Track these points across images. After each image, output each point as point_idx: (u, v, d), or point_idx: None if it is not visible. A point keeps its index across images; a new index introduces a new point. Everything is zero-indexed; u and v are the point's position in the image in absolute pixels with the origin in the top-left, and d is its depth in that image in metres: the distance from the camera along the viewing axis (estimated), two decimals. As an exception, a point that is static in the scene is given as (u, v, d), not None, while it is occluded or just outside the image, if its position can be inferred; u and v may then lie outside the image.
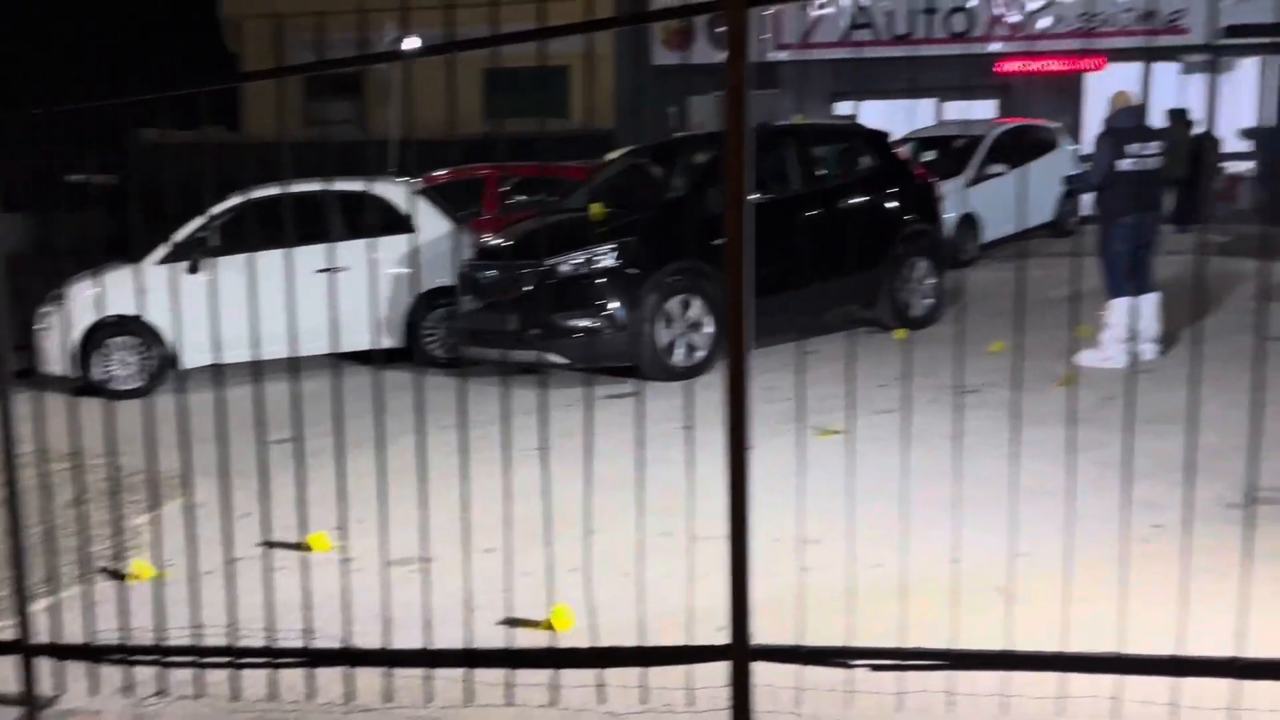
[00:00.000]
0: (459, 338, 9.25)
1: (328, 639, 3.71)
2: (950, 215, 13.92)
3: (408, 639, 3.60)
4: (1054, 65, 18.30)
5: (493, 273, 8.88)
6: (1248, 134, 18.87)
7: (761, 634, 3.43)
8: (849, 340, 9.70)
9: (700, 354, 8.60)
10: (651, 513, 4.93)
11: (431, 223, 9.82)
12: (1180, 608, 2.94)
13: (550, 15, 2.78)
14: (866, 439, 5.68)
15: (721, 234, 2.64)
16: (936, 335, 9.55)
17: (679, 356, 8.57)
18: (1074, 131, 17.85)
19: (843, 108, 20.15)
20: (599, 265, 8.43)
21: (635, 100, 20.65)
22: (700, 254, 8.30)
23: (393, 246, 9.57)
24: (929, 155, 15.55)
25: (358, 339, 8.67)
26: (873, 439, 5.99)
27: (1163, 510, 4.85)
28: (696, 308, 8.63)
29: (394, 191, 9.88)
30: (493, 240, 9.60)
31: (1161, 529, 4.73)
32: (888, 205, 10.20)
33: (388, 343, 9.38)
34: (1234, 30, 17.02)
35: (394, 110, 15.44)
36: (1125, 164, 8.14)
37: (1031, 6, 18.34)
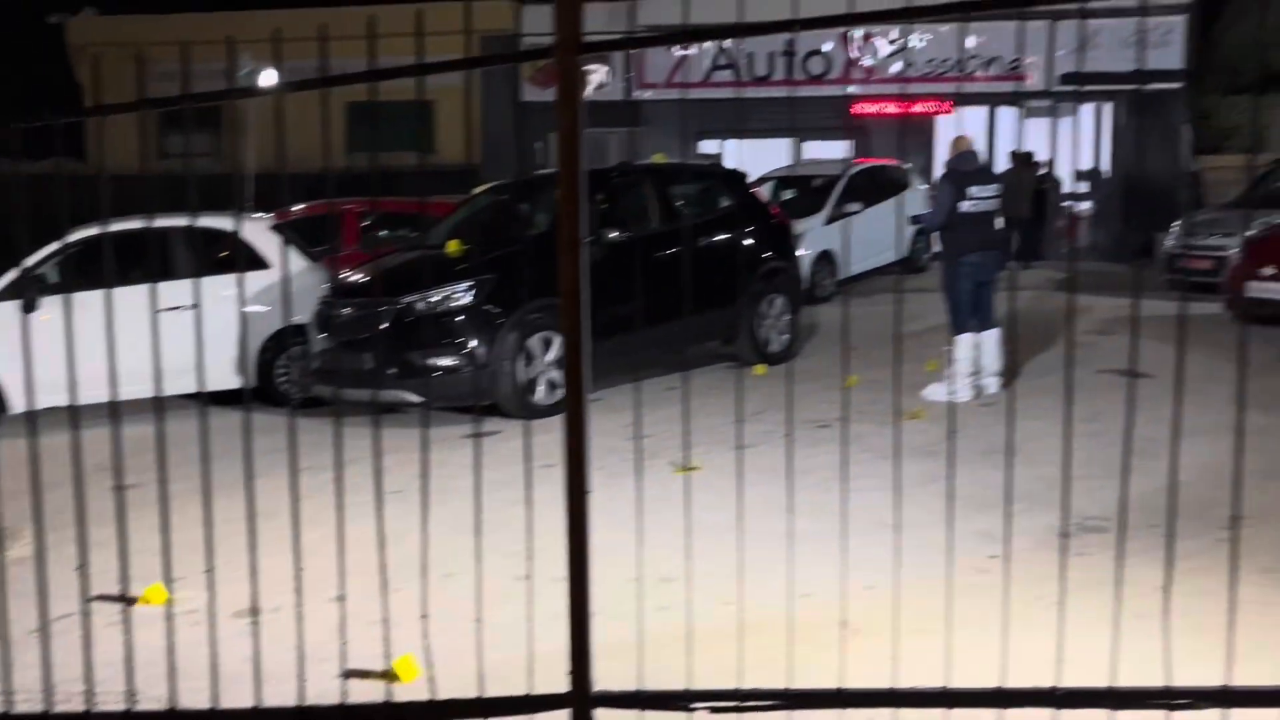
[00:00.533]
0: (314, 377, 9.05)
1: (152, 700, 3.54)
2: (808, 252, 14.28)
3: (241, 696, 3.46)
4: (906, 108, 18.97)
5: (349, 310, 8.71)
6: (1085, 175, 19.90)
7: (613, 677, 3.41)
8: (709, 376, 9.82)
9: (562, 392, 8.57)
10: (509, 555, 4.88)
11: (287, 259, 9.59)
12: (1006, 639, 3.03)
13: (412, 50, 2.76)
14: (725, 474, 5.74)
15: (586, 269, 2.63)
16: (794, 371, 9.73)
17: (541, 394, 8.54)
18: (925, 172, 18.53)
19: (707, 147, 20.52)
20: (457, 303, 8.35)
21: (502, 136, 20.63)
22: (562, 291, 8.29)
23: (246, 283, 9.31)
24: (788, 194, 15.93)
25: (207, 379, 8.38)
26: (732, 474, 6.05)
27: (1000, 541, 5.02)
28: (558, 345, 8.62)
29: (248, 226, 9.63)
30: (350, 277, 9.43)
31: (999, 559, 4.88)
32: (746, 243, 10.39)
33: (239, 383, 9.10)
34: (1069, 78, 17.94)
35: (252, 143, 15.09)
36: (966, 205, 8.47)
37: (884, 52, 19.01)
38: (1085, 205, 19.86)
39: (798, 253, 13.24)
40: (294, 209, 12.23)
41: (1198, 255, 13.57)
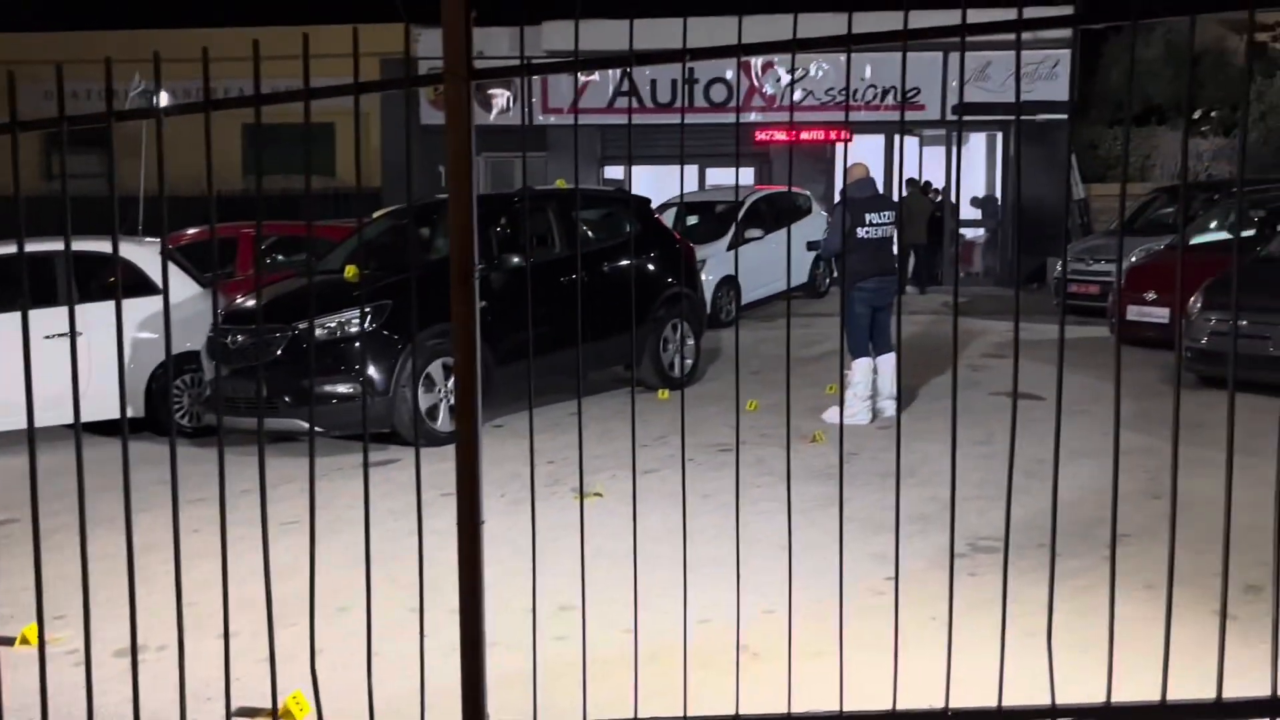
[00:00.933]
0: (206, 406, 8.81)
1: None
2: (711, 278, 14.41)
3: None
4: (805, 136, 19.31)
5: (243, 336, 8.51)
6: (977, 203, 20.47)
7: (509, 708, 3.36)
8: (614, 401, 9.82)
9: (464, 418, 8.48)
10: (406, 586, 4.79)
11: (178, 284, 9.35)
12: (898, 661, 3.07)
13: (314, 71, 2.70)
14: (629, 500, 5.73)
15: (486, 295, 2.60)
16: (697, 394, 9.79)
17: (442, 421, 8.44)
18: (825, 199, 18.86)
19: (611, 173, 20.60)
20: (354, 329, 8.22)
21: (403, 159, 20.42)
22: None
23: (135, 309, 9.04)
24: (692, 220, 16.07)
25: (94, 409, 8.16)
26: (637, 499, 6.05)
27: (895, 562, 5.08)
28: (459, 371, 8.52)
29: (136, 250, 9.36)
30: (244, 302, 9.22)
31: (893, 580, 4.95)
32: (649, 268, 10.44)
33: (128, 412, 8.81)
34: (961, 108, 18.42)
35: (142, 165, 14.70)
36: (862, 231, 8.63)
37: (785, 80, 19.35)
38: (979, 232, 20.42)
39: (701, 278, 13.36)
40: (186, 233, 11.93)
41: (1085, 280, 14.03)
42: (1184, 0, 2.47)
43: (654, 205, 12.15)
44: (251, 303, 9.08)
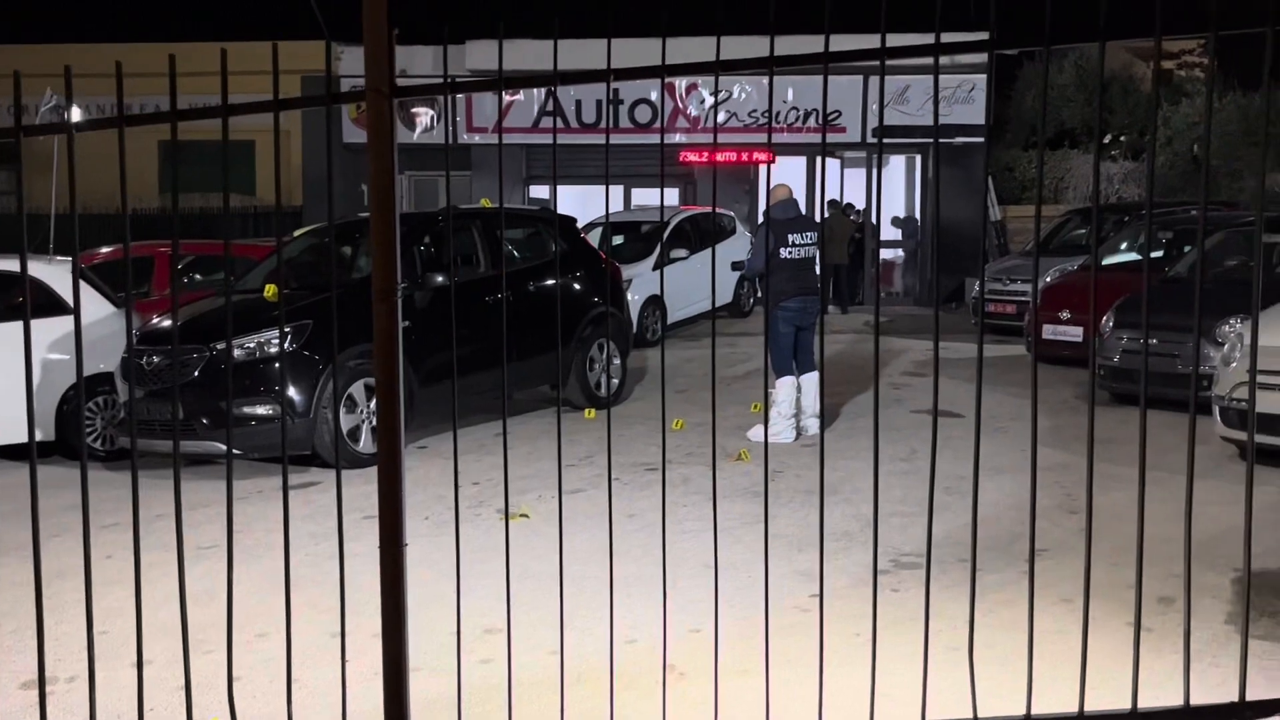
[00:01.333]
0: (120, 428, 8.59)
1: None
2: (637, 297, 14.45)
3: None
4: (729, 157, 19.49)
5: (159, 358, 8.32)
6: (898, 222, 20.83)
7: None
8: (541, 421, 9.78)
9: (387, 439, 8.36)
10: (327, 610, 4.70)
11: (90, 304, 9.11)
12: (822, 678, 3.09)
13: (236, 88, 2.65)
14: (555, 520, 5.69)
15: (410, 315, 2.57)
16: (624, 414, 9.79)
17: (365, 443, 8.33)
18: (750, 219, 19.04)
19: (537, 192, 20.57)
20: (274, 349, 8.08)
21: (325, 177, 20.20)
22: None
23: (45, 330, 8.79)
24: (617, 240, 16.11)
25: (1, 433, 7.93)
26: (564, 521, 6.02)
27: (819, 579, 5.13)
28: (382, 391, 8.41)
29: (47, 269, 9.11)
30: (160, 322, 9.02)
31: (818, 597, 4.99)
32: (575, 288, 10.44)
33: (36, 436, 8.56)
34: (880, 130, 18.77)
35: (54, 182, 14.33)
36: (785, 251, 8.73)
37: (709, 102, 19.53)
38: (899, 252, 20.77)
39: (627, 297, 13.38)
40: (100, 251, 11.65)
41: (1002, 300, 14.34)
42: (1092, 28, 2.54)
43: (579, 225, 12.15)
44: (167, 323, 8.88)
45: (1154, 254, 12.05)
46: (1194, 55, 25.43)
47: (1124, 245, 13.15)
